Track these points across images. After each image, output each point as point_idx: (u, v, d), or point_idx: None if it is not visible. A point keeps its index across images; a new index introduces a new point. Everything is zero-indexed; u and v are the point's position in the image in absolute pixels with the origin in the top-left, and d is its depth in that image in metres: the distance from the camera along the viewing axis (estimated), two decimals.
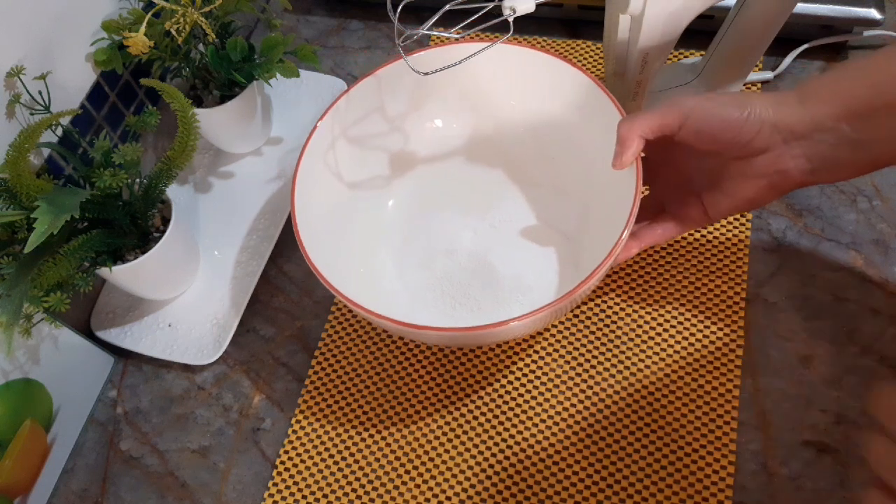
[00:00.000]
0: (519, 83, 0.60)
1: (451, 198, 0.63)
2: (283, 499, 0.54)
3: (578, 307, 0.58)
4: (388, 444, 0.55)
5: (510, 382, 0.56)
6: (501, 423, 0.55)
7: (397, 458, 0.54)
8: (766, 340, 0.55)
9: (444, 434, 0.55)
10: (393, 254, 0.61)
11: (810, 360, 0.54)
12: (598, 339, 0.57)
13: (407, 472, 0.54)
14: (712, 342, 0.56)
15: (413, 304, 0.58)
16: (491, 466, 0.53)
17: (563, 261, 0.58)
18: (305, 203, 0.54)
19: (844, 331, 0.55)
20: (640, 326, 0.57)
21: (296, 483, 0.54)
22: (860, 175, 0.45)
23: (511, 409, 0.55)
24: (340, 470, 0.54)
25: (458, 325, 0.47)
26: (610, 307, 0.58)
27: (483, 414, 0.55)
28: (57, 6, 0.57)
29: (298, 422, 0.57)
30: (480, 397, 0.56)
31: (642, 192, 0.49)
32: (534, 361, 0.57)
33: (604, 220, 0.52)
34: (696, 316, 0.57)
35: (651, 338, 0.56)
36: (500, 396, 0.56)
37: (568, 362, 0.56)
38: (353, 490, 0.53)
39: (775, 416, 0.52)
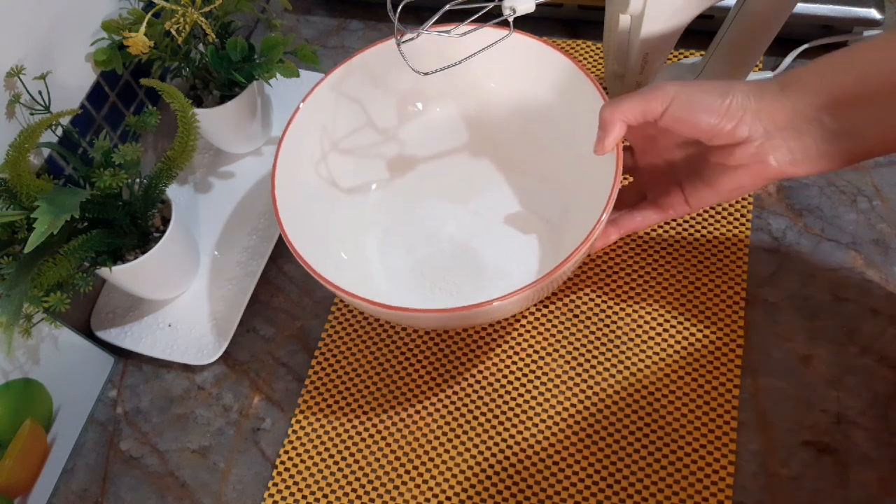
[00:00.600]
0: (501, 66, 0.60)
1: (434, 183, 0.63)
2: (283, 499, 0.54)
3: (578, 307, 0.58)
4: (388, 445, 0.55)
5: (510, 383, 0.56)
6: (502, 423, 0.55)
7: (397, 458, 0.54)
8: (766, 340, 0.55)
9: (444, 434, 0.55)
10: (375, 239, 0.61)
11: (810, 360, 0.54)
12: (598, 339, 0.57)
13: (407, 471, 0.54)
14: (712, 342, 0.56)
15: (393, 289, 0.58)
16: (491, 466, 0.53)
17: (544, 247, 0.59)
18: (287, 195, 0.54)
19: (844, 331, 0.55)
20: (640, 326, 0.57)
21: (296, 483, 0.54)
22: (842, 167, 0.45)
23: (511, 409, 0.55)
24: (340, 470, 0.54)
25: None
26: (610, 307, 0.58)
27: (483, 414, 0.55)
28: (57, 6, 0.57)
29: (298, 422, 0.57)
30: (481, 398, 0.56)
31: (623, 180, 0.49)
32: (534, 361, 0.57)
33: (585, 207, 0.52)
34: (696, 316, 0.57)
35: (651, 338, 0.56)
36: (501, 397, 0.56)
37: (568, 362, 0.56)
38: (353, 490, 0.53)
39: (775, 417, 0.52)
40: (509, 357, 0.57)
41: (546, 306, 0.59)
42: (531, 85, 0.59)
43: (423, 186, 0.63)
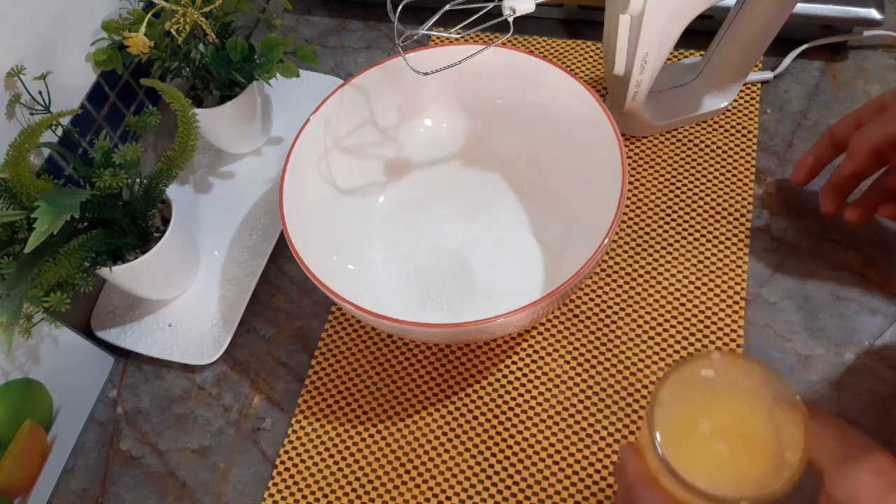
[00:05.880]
0: (509, 84, 0.60)
1: (442, 197, 0.63)
2: (283, 499, 0.54)
3: (578, 307, 0.58)
4: (388, 445, 0.55)
5: (510, 382, 0.56)
6: (502, 423, 0.55)
7: (397, 458, 0.54)
8: (766, 340, 0.55)
9: (444, 434, 0.55)
10: (381, 247, 0.62)
11: (810, 360, 0.54)
12: (598, 338, 0.57)
13: (407, 472, 0.54)
14: (712, 342, 0.56)
15: (389, 296, 0.58)
16: (491, 466, 0.53)
17: (540, 274, 0.58)
18: (295, 200, 0.54)
19: (844, 331, 0.55)
20: (640, 326, 0.57)
21: (296, 483, 0.54)
22: None
23: (511, 409, 0.55)
24: (340, 470, 0.54)
25: (426, 321, 0.48)
26: (610, 307, 0.58)
27: (483, 414, 0.55)
28: (57, 6, 0.57)
29: (298, 422, 0.57)
30: (481, 397, 0.56)
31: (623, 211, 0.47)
32: (534, 361, 0.57)
33: (585, 239, 0.52)
34: (696, 316, 0.57)
35: (651, 338, 0.56)
36: (501, 396, 0.56)
37: (568, 362, 0.56)
38: (353, 490, 0.53)
39: None
40: (509, 357, 0.57)
41: None
42: (539, 104, 0.59)
43: (431, 198, 0.63)
